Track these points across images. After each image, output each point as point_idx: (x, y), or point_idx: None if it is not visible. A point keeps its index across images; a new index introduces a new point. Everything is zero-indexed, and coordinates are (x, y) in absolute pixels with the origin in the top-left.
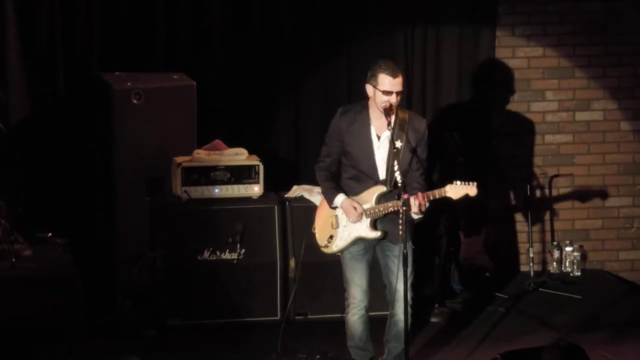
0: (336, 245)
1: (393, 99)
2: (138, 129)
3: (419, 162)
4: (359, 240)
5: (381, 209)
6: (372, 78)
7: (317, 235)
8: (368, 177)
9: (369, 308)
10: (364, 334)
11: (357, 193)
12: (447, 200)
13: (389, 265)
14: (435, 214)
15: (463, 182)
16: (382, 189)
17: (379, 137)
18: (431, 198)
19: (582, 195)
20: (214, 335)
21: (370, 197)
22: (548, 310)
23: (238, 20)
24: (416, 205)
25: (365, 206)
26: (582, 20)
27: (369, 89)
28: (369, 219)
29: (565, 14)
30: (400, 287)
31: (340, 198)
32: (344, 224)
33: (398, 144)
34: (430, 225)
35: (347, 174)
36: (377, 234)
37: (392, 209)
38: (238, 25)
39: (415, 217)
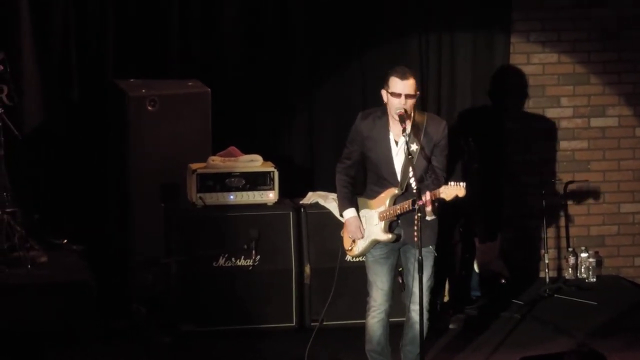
0: (357, 248)
1: (403, 102)
2: (153, 136)
3: (438, 161)
4: (377, 243)
5: (393, 211)
6: (385, 82)
7: (344, 239)
8: (388, 182)
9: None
10: (382, 338)
11: (374, 197)
12: (461, 202)
13: (408, 266)
14: (451, 220)
15: (455, 183)
16: (394, 191)
17: (396, 143)
18: (428, 198)
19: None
20: (229, 342)
21: (384, 200)
22: (563, 316)
23: (252, 27)
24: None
25: (380, 209)
26: (597, 27)
27: (383, 93)
28: (383, 222)
29: (579, 20)
30: (416, 290)
31: (349, 213)
32: (364, 227)
33: (414, 147)
34: (446, 231)
35: (370, 179)
36: (388, 236)
37: (401, 211)
38: (252, 32)
39: (428, 218)
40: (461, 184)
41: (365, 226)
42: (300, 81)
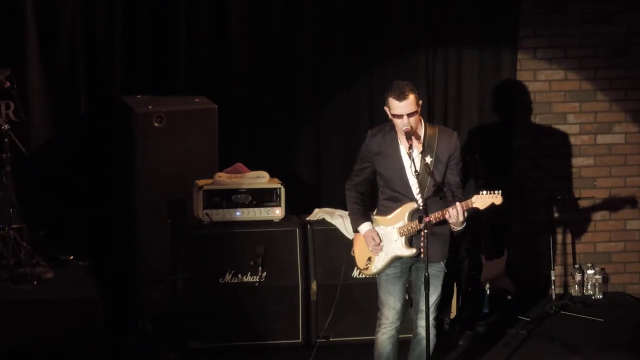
0: (375, 267)
1: (406, 121)
2: (159, 152)
3: (453, 174)
4: (396, 260)
5: (414, 226)
6: (385, 101)
7: (356, 258)
8: (404, 197)
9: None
10: (392, 355)
11: (390, 213)
12: (468, 218)
13: (418, 283)
14: (457, 237)
15: (488, 192)
16: (413, 205)
17: (409, 156)
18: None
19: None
20: (236, 358)
21: (402, 215)
22: (570, 333)
23: (260, 44)
24: (454, 215)
25: (399, 225)
26: (603, 44)
27: (387, 111)
28: (403, 237)
29: (586, 37)
30: (424, 307)
31: (365, 227)
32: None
33: (428, 159)
34: (452, 248)
35: (384, 195)
36: (412, 251)
37: (419, 225)
38: (259, 47)
39: (457, 228)
40: (496, 191)
41: (383, 243)
42: (307, 97)
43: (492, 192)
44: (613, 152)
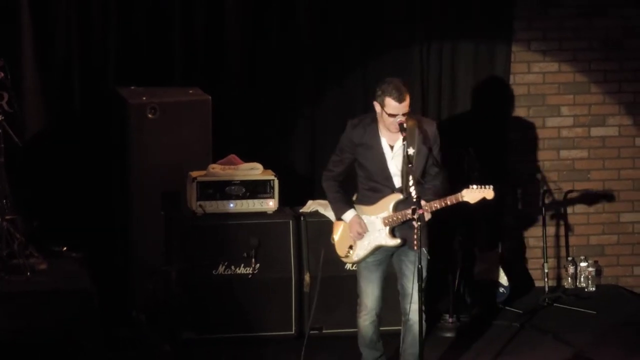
0: (357, 255)
1: (399, 120)
2: (153, 144)
3: (435, 164)
4: (378, 249)
5: (399, 216)
6: (379, 98)
7: (336, 246)
8: (385, 187)
9: (382, 321)
10: (375, 336)
11: (373, 203)
12: (461, 211)
13: (403, 270)
14: (451, 229)
15: (479, 186)
16: (398, 196)
17: (391, 147)
18: (448, 203)
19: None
20: (229, 350)
21: (386, 205)
22: (563, 325)
23: (254, 35)
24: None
25: (383, 215)
26: (598, 36)
27: (377, 106)
28: (387, 227)
29: (580, 29)
30: (413, 293)
31: (350, 214)
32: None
33: (410, 150)
34: (445, 240)
35: (364, 186)
36: (397, 241)
37: (411, 216)
38: (254, 40)
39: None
40: (488, 186)
41: (367, 232)
42: (301, 90)
43: (483, 186)
44: (607, 144)
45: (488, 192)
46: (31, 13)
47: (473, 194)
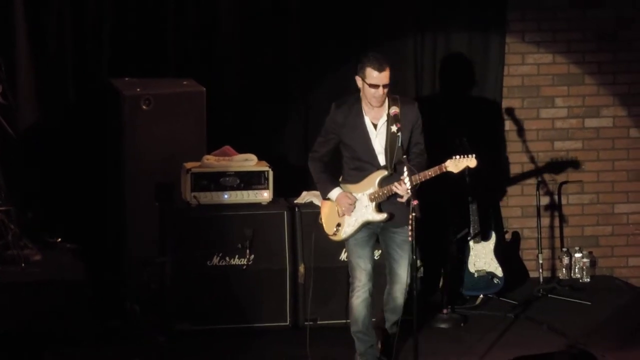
0: (344, 232)
1: (380, 92)
2: (147, 135)
3: (416, 144)
4: (366, 225)
5: (385, 191)
6: (360, 71)
7: (324, 225)
8: (370, 165)
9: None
10: (367, 320)
11: (359, 181)
12: (456, 202)
13: (391, 252)
14: (445, 219)
15: (462, 156)
16: (383, 173)
17: (375, 126)
18: (432, 175)
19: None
20: (223, 341)
21: (372, 182)
22: (557, 316)
23: (248, 26)
24: (403, 190)
25: (369, 191)
26: (592, 27)
27: (358, 80)
28: (373, 203)
29: (574, 20)
30: (400, 272)
31: (336, 192)
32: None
33: (394, 128)
34: (440, 231)
35: (349, 166)
36: (383, 216)
37: (396, 190)
38: (248, 31)
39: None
40: (470, 155)
41: (355, 208)
42: (295, 81)
43: (465, 155)
44: (601, 135)
45: (471, 161)
46: (25, 5)
47: (456, 164)
